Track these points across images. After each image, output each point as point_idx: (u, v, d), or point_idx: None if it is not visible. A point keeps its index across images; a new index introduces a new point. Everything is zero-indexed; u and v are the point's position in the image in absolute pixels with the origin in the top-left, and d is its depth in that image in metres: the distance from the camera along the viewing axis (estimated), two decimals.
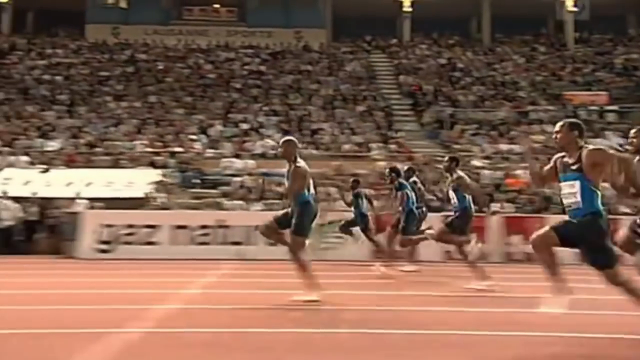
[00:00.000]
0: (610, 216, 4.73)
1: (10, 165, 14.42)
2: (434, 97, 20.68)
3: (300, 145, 15.67)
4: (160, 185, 12.21)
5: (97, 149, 16.26)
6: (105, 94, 21.54)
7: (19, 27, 31.39)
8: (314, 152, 15.74)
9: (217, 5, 30.15)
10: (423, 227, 9.61)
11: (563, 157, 4.56)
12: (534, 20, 29.01)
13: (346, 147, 15.89)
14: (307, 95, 21.43)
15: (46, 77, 23.42)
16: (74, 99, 20.78)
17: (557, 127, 4.57)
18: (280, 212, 6.76)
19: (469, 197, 7.93)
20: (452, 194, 7.94)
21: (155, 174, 12.53)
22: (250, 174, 13.67)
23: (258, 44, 29.00)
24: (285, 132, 17.63)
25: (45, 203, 11.73)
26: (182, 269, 8.73)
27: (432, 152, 15.80)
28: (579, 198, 4.41)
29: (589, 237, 4.39)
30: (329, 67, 25.06)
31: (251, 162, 14.65)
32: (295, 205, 6.44)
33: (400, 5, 29.81)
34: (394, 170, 9.64)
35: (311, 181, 6.53)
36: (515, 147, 14.71)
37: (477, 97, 20.24)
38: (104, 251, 9.75)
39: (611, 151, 4.53)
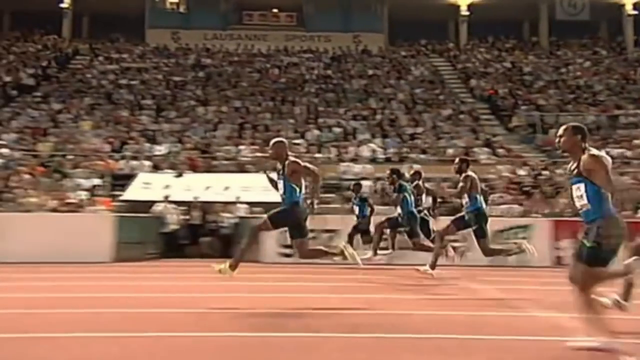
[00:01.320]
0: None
1: (135, 170, 14.87)
2: (513, 101, 21.07)
3: (402, 150, 16.07)
4: None
5: (205, 153, 16.70)
6: (188, 99, 21.93)
7: (77, 32, 31.99)
8: (422, 156, 16.15)
9: (275, 10, 30.63)
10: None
11: (570, 164, 4.64)
12: (590, 23, 29.45)
13: (450, 151, 16.28)
14: (386, 99, 21.84)
15: (123, 81, 23.85)
16: (160, 104, 21.19)
17: (561, 130, 4.62)
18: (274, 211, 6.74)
19: (480, 198, 8.12)
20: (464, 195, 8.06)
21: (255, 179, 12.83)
22: (364, 179, 14.05)
23: (317, 48, 29.46)
24: (384, 137, 18.12)
25: (207, 207, 12.18)
26: (359, 273, 8.75)
27: (535, 157, 16.20)
28: (586, 200, 4.47)
29: (592, 235, 4.43)
30: (398, 71, 25.47)
31: (369, 167, 15.06)
32: (284, 202, 6.52)
33: (457, 9, 30.28)
34: (395, 172, 9.73)
35: (303, 181, 6.58)
36: (623, 151, 15.16)
37: (557, 101, 20.64)
38: (286, 255, 10.10)
39: (606, 158, 4.50)
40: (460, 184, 8.13)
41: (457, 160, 8.48)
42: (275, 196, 10.35)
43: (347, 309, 6.09)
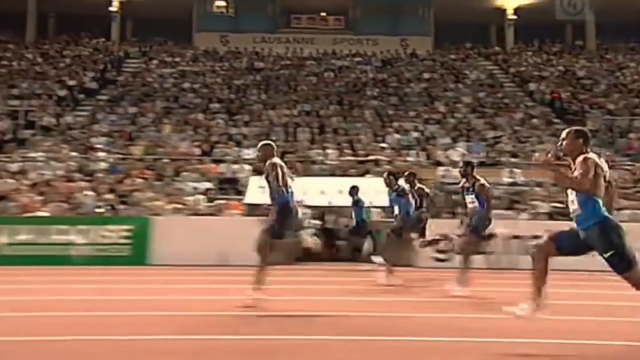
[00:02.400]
0: None
1: (236, 173, 15.11)
2: (580, 105, 21.36)
3: (489, 154, 16.15)
4: None
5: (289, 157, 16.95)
6: (254, 103, 22.16)
7: (124, 36, 32.23)
8: (513, 160, 16.41)
9: (324, 14, 30.91)
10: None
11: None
12: (637, 25, 29.76)
13: (537, 156, 16.53)
14: (451, 103, 22.10)
15: (186, 85, 24.07)
16: (230, 108, 21.40)
17: (564, 134, 4.65)
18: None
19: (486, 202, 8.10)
20: (470, 198, 8.08)
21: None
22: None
23: (365, 52, 29.74)
24: (468, 141, 18.37)
25: (340, 211, 12.43)
26: (510, 279, 8.79)
27: (620, 162, 16.46)
28: (577, 205, 4.52)
29: (601, 247, 4.48)
30: (455, 75, 25.75)
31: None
32: (274, 205, 6.45)
33: (504, 13, 30.60)
34: (392, 174, 9.82)
35: (290, 180, 6.53)
36: None
37: (623, 106, 20.95)
38: (441, 260, 10.31)
39: (596, 160, 4.51)
40: (475, 191, 8.07)
41: (462, 164, 8.57)
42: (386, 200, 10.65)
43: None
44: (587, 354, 4.42)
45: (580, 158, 4.49)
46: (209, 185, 14.10)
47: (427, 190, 10.10)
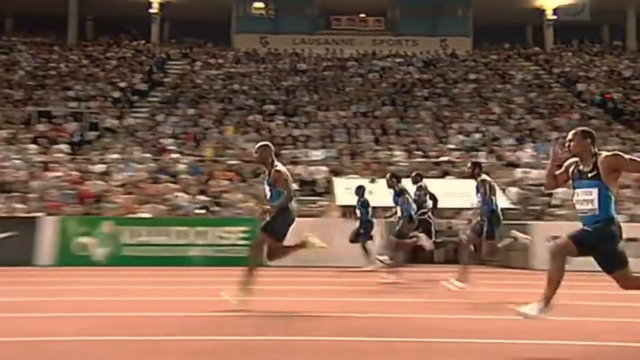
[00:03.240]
0: None
1: (312, 174, 15.24)
2: (634, 106, 21.46)
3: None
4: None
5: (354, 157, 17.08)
6: (307, 104, 22.29)
7: (162, 37, 32.38)
8: None
9: (362, 15, 31.04)
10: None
11: (577, 163, 4.61)
12: None
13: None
14: (504, 103, 22.21)
15: (235, 87, 24.21)
16: (285, 109, 21.53)
17: (570, 135, 4.62)
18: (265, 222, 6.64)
19: (495, 200, 8.21)
20: (478, 198, 8.16)
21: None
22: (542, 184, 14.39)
23: (405, 52, 29.86)
24: (533, 142, 18.48)
25: (442, 213, 12.54)
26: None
27: None
28: (596, 205, 4.45)
29: (603, 244, 4.48)
30: (500, 75, 25.86)
31: (544, 172, 15.36)
32: (273, 207, 6.46)
33: (542, 13, 30.71)
34: (394, 175, 9.88)
35: (291, 185, 6.56)
36: None
37: None
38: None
39: (626, 155, 4.52)
40: (481, 190, 8.21)
41: (469, 164, 8.59)
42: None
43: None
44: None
45: (613, 156, 4.51)
46: (294, 186, 14.19)
47: (432, 191, 10.23)
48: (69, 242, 10.65)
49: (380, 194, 13.10)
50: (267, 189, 6.60)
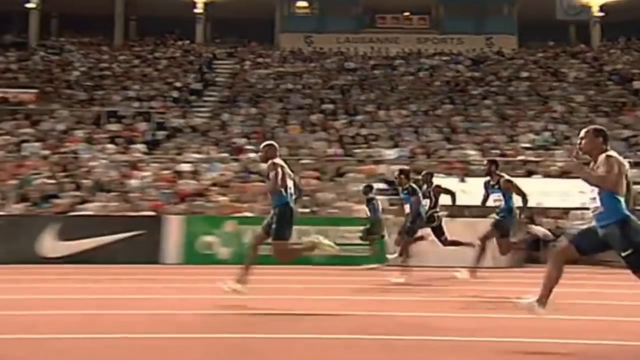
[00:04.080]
0: None
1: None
2: None
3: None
4: None
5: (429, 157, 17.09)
6: (365, 103, 22.31)
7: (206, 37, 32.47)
8: None
9: (407, 13, 31.03)
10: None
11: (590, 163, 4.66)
12: None
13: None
14: (563, 101, 22.14)
15: (289, 86, 24.26)
16: (346, 108, 21.56)
17: (582, 133, 4.66)
18: (266, 221, 6.76)
19: (512, 198, 8.21)
20: (496, 196, 8.18)
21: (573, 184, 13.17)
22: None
23: (450, 50, 29.83)
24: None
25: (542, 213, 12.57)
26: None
27: None
28: (599, 203, 4.51)
29: (619, 245, 4.47)
30: (552, 74, 25.77)
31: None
32: (273, 206, 6.52)
33: (588, 10, 30.55)
34: (403, 172, 9.78)
35: (290, 182, 6.57)
36: None
37: None
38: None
39: (618, 158, 4.51)
40: (500, 189, 8.24)
41: (485, 162, 8.65)
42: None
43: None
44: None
45: (603, 156, 4.53)
46: (382, 185, 14.25)
47: (447, 189, 10.30)
48: (194, 240, 10.76)
49: (473, 193, 13.10)
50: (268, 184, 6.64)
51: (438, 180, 14.12)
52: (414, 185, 9.61)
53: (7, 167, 13.78)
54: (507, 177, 8.31)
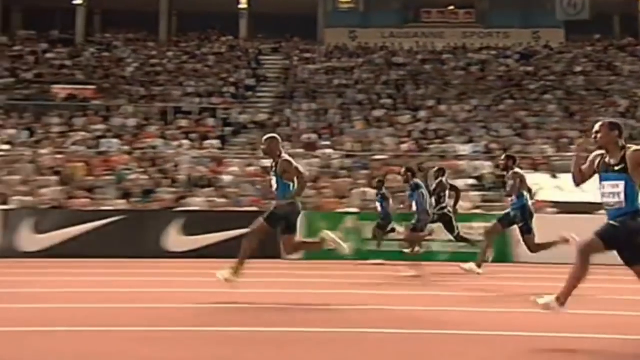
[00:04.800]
0: None
1: (477, 170, 15.15)
2: None
3: None
4: None
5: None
6: (425, 98, 22.19)
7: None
8: None
9: (452, 7, 30.81)
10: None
11: (603, 156, 4.58)
12: None
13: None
14: (627, 96, 21.93)
15: (341, 81, 24.16)
16: (408, 104, 21.44)
17: (597, 126, 4.58)
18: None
19: (527, 195, 8.20)
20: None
21: None
22: None
23: (496, 45, 29.59)
24: None
25: None
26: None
27: None
28: (622, 198, 4.42)
29: (631, 238, 4.45)
30: (606, 68, 25.53)
31: None
32: (279, 199, 6.56)
33: (636, 2, 30.23)
34: (409, 170, 9.95)
35: (303, 174, 6.65)
36: None
37: None
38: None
39: None
40: (510, 182, 8.26)
41: (503, 157, 8.59)
42: None
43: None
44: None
45: (630, 151, 4.46)
46: (470, 182, 14.13)
47: (453, 185, 10.37)
48: (314, 236, 10.65)
49: (567, 189, 12.94)
50: (274, 180, 6.66)
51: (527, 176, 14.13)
52: (418, 182, 9.74)
53: (94, 162, 13.74)
54: (520, 173, 8.33)
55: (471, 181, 14.12)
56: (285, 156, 6.61)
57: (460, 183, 14.10)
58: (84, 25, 29.56)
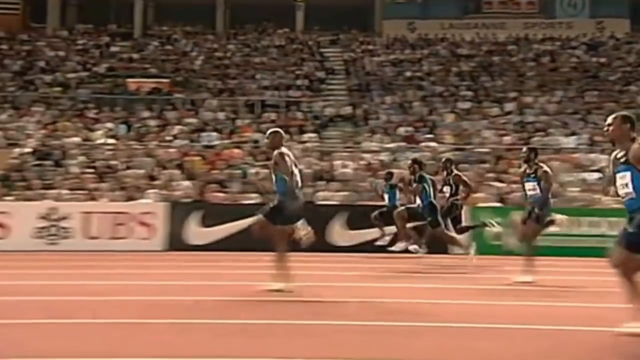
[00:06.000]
0: None
1: (595, 163, 14.66)
2: None
3: None
4: None
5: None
6: (504, 90, 21.68)
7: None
8: None
9: None
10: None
11: (616, 152, 4.64)
12: None
13: None
14: None
15: (414, 74, 23.69)
16: (496, 97, 20.91)
17: (610, 119, 4.59)
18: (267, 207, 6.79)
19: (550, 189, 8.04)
20: (531, 185, 7.94)
21: None
22: None
23: (560, 35, 28.97)
24: None
25: None
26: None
27: None
28: (630, 189, 4.46)
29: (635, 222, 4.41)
30: None
31: None
32: (278, 194, 6.54)
33: None
34: (416, 162, 9.88)
35: (296, 170, 6.59)
36: None
37: None
38: None
39: None
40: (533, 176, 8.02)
41: (524, 149, 8.44)
42: None
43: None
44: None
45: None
46: (595, 175, 13.66)
47: (465, 178, 10.28)
48: (482, 230, 10.31)
49: None
50: (272, 175, 6.72)
51: None
52: (425, 175, 9.74)
53: (208, 155, 13.37)
54: (545, 167, 8.14)
55: (596, 175, 13.61)
56: (283, 150, 6.58)
57: (585, 176, 13.72)
58: (141, 18, 29.21)
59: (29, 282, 7.23)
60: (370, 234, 10.89)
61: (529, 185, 8.01)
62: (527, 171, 8.02)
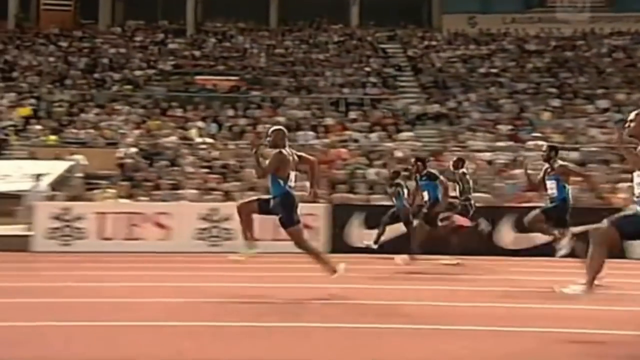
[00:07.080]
0: None
1: None
2: None
3: None
4: None
5: None
6: (591, 87, 20.64)
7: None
8: None
9: None
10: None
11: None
12: None
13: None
14: None
15: (487, 70, 22.68)
16: (576, 94, 19.90)
17: (632, 115, 4.55)
18: (264, 197, 6.73)
19: (568, 188, 7.72)
20: (551, 184, 7.68)
21: None
22: None
23: (628, 29, 27.85)
24: None
25: None
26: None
27: None
28: None
29: None
30: None
31: None
32: (273, 197, 6.47)
33: None
34: (420, 160, 9.71)
35: (292, 172, 6.42)
36: None
37: None
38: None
39: None
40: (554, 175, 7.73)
41: (545, 147, 8.16)
42: None
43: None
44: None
45: None
46: None
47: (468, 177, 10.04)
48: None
49: None
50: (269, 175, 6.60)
51: None
52: (433, 171, 9.63)
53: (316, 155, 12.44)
54: (565, 164, 7.95)
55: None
56: (284, 150, 6.45)
57: None
58: (193, 14, 28.34)
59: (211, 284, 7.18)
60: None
61: (550, 184, 7.75)
62: (548, 170, 7.75)
